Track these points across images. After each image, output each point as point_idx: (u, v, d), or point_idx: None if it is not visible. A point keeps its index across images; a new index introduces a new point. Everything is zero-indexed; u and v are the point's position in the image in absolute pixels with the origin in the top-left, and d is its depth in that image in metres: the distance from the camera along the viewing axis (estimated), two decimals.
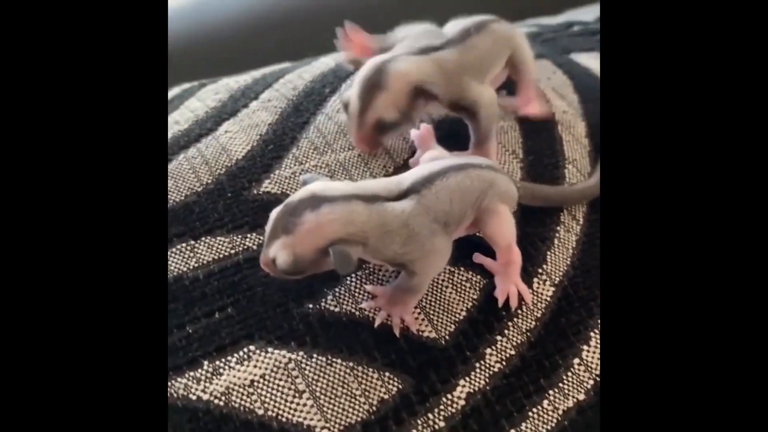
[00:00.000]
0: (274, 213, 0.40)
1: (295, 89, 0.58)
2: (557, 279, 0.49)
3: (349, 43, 0.58)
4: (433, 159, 0.47)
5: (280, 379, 0.42)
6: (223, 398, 0.41)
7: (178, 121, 0.55)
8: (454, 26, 0.55)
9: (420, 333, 0.44)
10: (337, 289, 0.45)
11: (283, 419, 0.41)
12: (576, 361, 0.45)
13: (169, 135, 0.54)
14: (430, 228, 0.42)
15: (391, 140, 0.54)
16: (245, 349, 0.42)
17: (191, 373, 0.42)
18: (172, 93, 0.63)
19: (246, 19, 0.89)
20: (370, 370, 0.43)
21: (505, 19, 0.83)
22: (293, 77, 0.61)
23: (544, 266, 0.49)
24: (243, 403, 0.41)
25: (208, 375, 0.42)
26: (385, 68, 0.48)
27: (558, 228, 0.51)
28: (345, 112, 0.50)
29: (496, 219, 0.46)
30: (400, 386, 0.42)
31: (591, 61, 0.68)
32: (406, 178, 0.43)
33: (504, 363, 0.44)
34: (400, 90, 0.48)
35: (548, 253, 0.50)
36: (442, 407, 0.42)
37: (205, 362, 0.42)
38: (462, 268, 0.47)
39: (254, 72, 0.65)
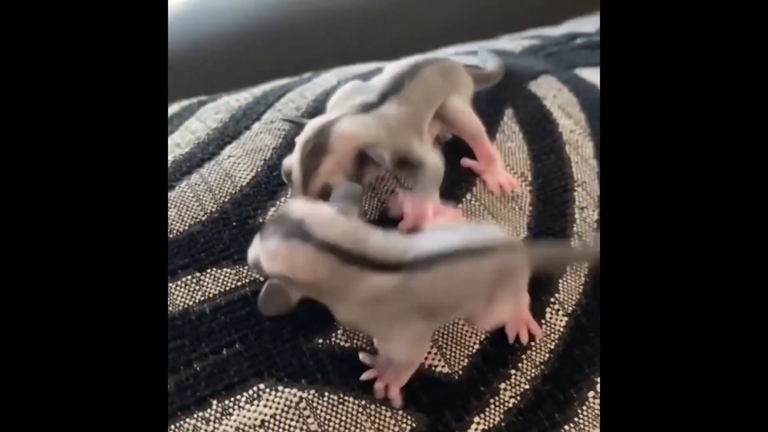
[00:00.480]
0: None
1: (298, 110, 0.57)
2: (570, 308, 0.48)
3: None
4: (443, 223, 0.45)
5: (292, 419, 0.41)
6: None
7: (178, 143, 0.54)
8: (387, 71, 0.51)
9: (433, 368, 0.43)
10: None
11: None
12: (591, 394, 0.45)
13: (171, 159, 0.52)
14: (403, 316, 0.38)
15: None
16: (255, 388, 0.41)
17: (200, 414, 0.40)
18: (170, 111, 0.62)
19: (244, 27, 0.87)
20: (383, 408, 0.42)
21: (505, 30, 0.83)
22: (295, 96, 0.59)
23: (557, 295, 0.48)
24: None
25: (218, 415, 0.40)
26: (327, 130, 0.44)
27: None
28: (287, 182, 0.46)
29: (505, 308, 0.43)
30: (414, 425, 0.41)
31: (597, 77, 0.67)
32: (414, 247, 0.39)
33: (518, 398, 0.43)
34: (345, 153, 0.43)
35: (560, 281, 0.49)
36: None
37: (214, 402, 0.41)
38: None
39: (254, 89, 0.63)
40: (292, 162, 0.44)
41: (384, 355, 0.41)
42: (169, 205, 0.48)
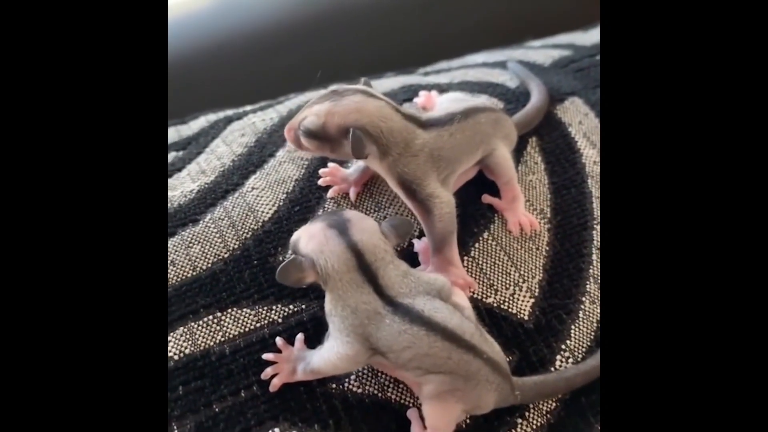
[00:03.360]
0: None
1: None
2: (580, 356, 0.49)
3: (333, 178, 0.54)
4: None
5: None
6: None
7: (204, 170, 0.55)
8: (448, 103, 0.53)
9: None
10: (360, 370, 0.46)
11: None
12: None
13: (197, 187, 0.54)
14: (352, 333, 0.41)
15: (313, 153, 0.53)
16: None
17: None
18: (197, 124, 0.63)
19: (270, 25, 0.87)
20: None
21: (534, 35, 0.82)
22: None
23: (568, 342, 0.49)
24: None
25: None
26: (360, 93, 0.46)
27: (584, 299, 0.51)
28: None
29: None
30: None
31: None
32: (413, 295, 0.42)
33: None
34: (341, 115, 0.45)
35: (572, 326, 0.50)
36: None
37: None
38: None
39: (279, 106, 0.64)
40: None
41: (294, 352, 0.44)
42: (193, 241, 0.50)
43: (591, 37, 0.80)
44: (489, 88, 0.65)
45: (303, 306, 0.47)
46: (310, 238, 0.41)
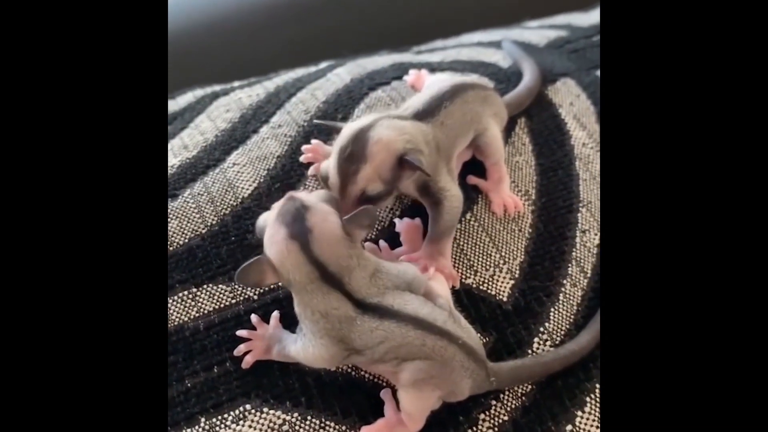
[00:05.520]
0: None
1: (307, 112, 0.57)
2: (558, 339, 0.48)
3: (315, 155, 0.53)
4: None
5: None
6: None
7: (186, 145, 0.55)
8: (426, 92, 0.51)
9: None
10: None
11: None
12: (569, 427, 0.45)
13: (178, 162, 0.53)
14: (329, 336, 0.40)
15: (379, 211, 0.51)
16: (241, 408, 0.43)
17: (188, 431, 0.43)
18: (184, 99, 0.63)
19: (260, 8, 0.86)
20: None
21: (535, 15, 0.80)
22: (306, 96, 0.59)
23: (547, 325, 0.49)
24: None
25: None
26: (364, 136, 0.44)
27: (565, 282, 0.50)
28: (325, 186, 0.46)
29: None
30: None
31: None
32: (382, 292, 0.41)
33: (496, 429, 0.45)
34: (383, 160, 0.43)
35: (552, 309, 0.49)
36: None
37: (203, 419, 0.43)
38: None
39: (267, 82, 0.63)
40: (329, 167, 0.44)
41: (269, 330, 0.44)
42: (171, 216, 0.49)
43: (590, 18, 0.78)
44: (480, 67, 0.64)
45: (280, 283, 0.47)
46: (272, 245, 0.39)
